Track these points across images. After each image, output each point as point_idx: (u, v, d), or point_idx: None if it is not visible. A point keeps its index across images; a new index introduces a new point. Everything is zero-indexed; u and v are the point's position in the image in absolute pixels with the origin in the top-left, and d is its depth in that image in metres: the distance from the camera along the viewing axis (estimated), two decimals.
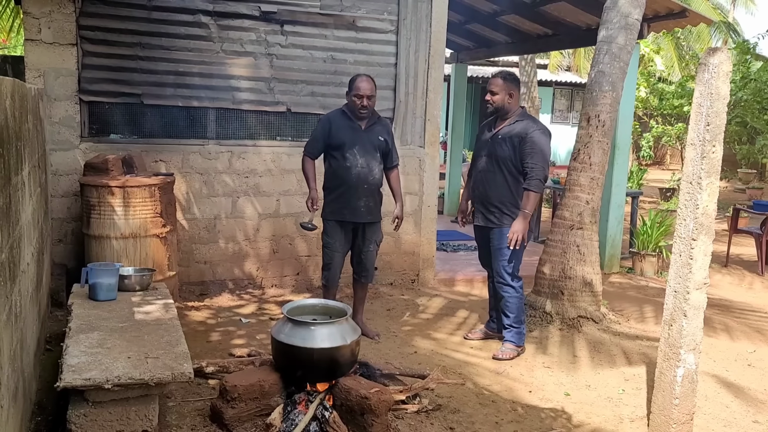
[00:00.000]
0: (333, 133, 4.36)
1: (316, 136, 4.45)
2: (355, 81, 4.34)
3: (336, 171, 4.39)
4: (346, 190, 4.36)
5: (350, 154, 4.33)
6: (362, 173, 4.36)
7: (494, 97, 4.31)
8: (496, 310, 4.58)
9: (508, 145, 4.26)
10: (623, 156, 6.90)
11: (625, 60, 5.03)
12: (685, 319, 3.16)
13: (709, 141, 3.07)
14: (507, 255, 4.30)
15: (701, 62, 3.10)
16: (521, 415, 3.51)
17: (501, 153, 4.28)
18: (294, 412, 3.12)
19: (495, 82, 4.34)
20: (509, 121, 4.33)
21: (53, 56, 4.86)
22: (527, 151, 4.20)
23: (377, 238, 4.57)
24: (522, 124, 4.28)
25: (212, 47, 5.32)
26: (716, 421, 3.53)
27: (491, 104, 4.34)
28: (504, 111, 4.33)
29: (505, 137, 4.28)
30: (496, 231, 4.33)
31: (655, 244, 6.93)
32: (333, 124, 4.38)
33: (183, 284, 5.28)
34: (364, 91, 4.30)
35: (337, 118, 4.42)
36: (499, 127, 4.36)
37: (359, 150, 4.35)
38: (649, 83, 16.39)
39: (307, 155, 4.46)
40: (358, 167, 4.35)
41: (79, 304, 3.48)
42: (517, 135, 4.23)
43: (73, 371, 2.59)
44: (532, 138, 4.19)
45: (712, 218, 3.14)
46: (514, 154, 4.25)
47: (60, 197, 5.01)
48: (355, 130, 4.38)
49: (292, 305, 3.48)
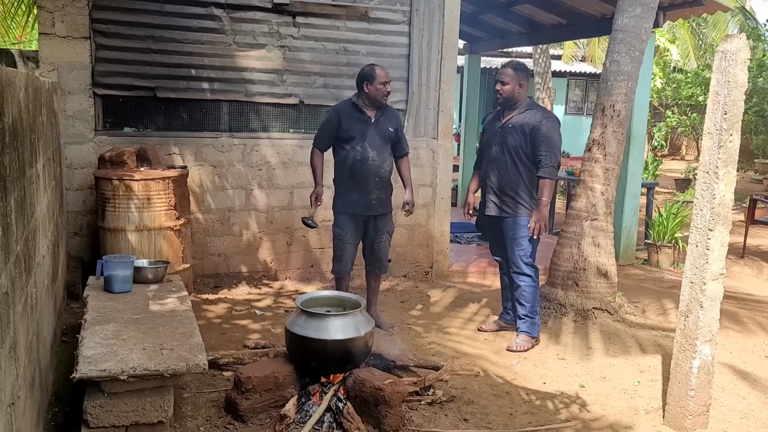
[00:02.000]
0: (343, 125, 4.33)
1: (325, 128, 4.42)
2: (374, 71, 4.32)
3: (347, 163, 4.36)
4: (358, 183, 4.34)
5: (361, 146, 4.32)
6: (374, 165, 4.35)
7: (504, 87, 4.29)
8: (511, 301, 4.56)
9: (519, 134, 4.25)
10: (638, 146, 6.83)
11: (641, 49, 4.96)
12: (701, 310, 3.12)
13: (726, 130, 3.02)
14: (523, 244, 4.29)
15: (718, 50, 3.05)
16: (535, 406, 3.50)
17: (512, 142, 4.27)
18: (308, 403, 3.14)
19: (505, 72, 4.31)
20: (518, 110, 4.32)
21: (67, 50, 4.88)
22: (539, 139, 4.19)
23: (389, 229, 4.56)
24: (532, 113, 4.28)
25: (225, 40, 5.32)
26: (733, 413, 3.49)
27: (501, 94, 4.32)
28: (513, 101, 4.32)
29: (516, 126, 4.27)
30: (510, 220, 4.32)
31: (671, 235, 6.86)
32: (342, 117, 4.35)
33: (197, 277, 5.31)
34: (387, 77, 4.35)
35: (347, 110, 4.38)
36: (509, 116, 4.34)
37: (370, 142, 4.33)
38: (665, 73, 16.21)
39: (317, 147, 4.44)
40: (370, 160, 4.33)
41: (94, 296, 3.50)
42: (528, 124, 4.23)
43: (89, 362, 2.61)
44: (543, 126, 4.20)
45: (729, 208, 3.10)
46: (526, 143, 4.24)
47: (75, 190, 5.05)
48: (365, 122, 4.36)
49: (306, 297, 3.49)
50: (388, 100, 4.44)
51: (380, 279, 4.73)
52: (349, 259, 4.46)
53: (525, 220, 4.28)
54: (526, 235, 4.29)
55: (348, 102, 4.46)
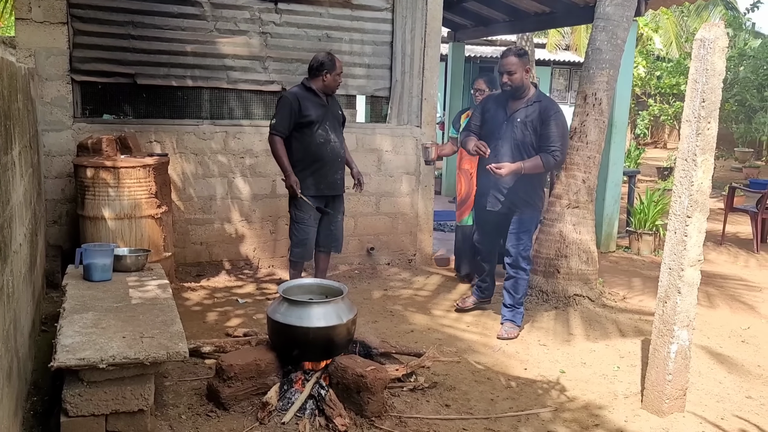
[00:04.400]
0: (303, 110, 4.35)
1: (286, 114, 4.35)
2: (335, 61, 4.42)
3: (309, 147, 4.40)
4: (323, 165, 4.44)
5: (322, 129, 4.42)
6: (335, 147, 4.49)
7: (513, 77, 4.10)
8: (486, 282, 4.72)
9: (529, 129, 4.15)
10: (620, 134, 6.87)
11: (622, 37, 4.98)
12: (679, 296, 3.16)
13: (705, 117, 3.05)
14: (524, 240, 4.31)
15: (696, 38, 3.07)
16: (516, 391, 3.53)
17: (522, 138, 4.16)
18: (290, 390, 3.14)
19: (510, 61, 4.10)
20: (525, 101, 4.18)
21: (44, 35, 4.80)
22: (549, 134, 4.10)
23: (343, 209, 4.75)
24: (541, 107, 4.16)
25: (206, 26, 5.26)
26: (709, 397, 3.55)
27: (510, 84, 4.12)
28: (522, 89, 4.17)
29: (525, 121, 4.15)
30: (515, 217, 4.30)
31: (651, 222, 6.93)
32: (302, 102, 4.37)
33: (179, 265, 5.27)
34: (342, 68, 4.53)
35: (304, 95, 4.40)
36: (515, 108, 4.20)
37: (330, 125, 4.47)
38: (648, 62, 16.31)
39: (278, 135, 4.36)
40: (332, 142, 4.47)
41: (73, 285, 3.47)
42: (538, 119, 4.13)
43: (68, 351, 2.59)
44: (555, 121, 4.11)
45: (706, 195, 3.13)
46: (535, 137, 4.15)
47: (54, 178, 4.98)
48: (323, 106, 4.45)
49: (288, 285, 3.49)
50: (372, 88, 4.49)
51: (330, 258, 4.84)
52: (312, 244, 4.56)
53: (527, 217, 4.29)
54: (527, 230, 4.32)
55: (302, 87, 4.46)
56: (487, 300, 4.82)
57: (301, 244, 4.52)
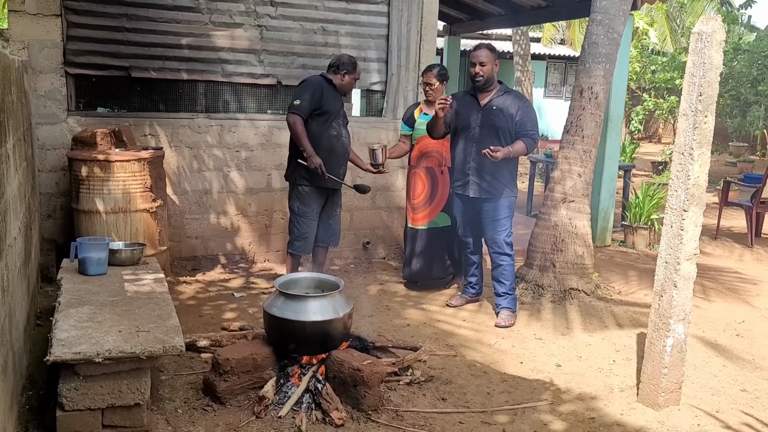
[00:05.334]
0: (324, 100, 4.36)
1: (309, 96, 4.29)
2: (357, 65, 4.51)
3: (322, 138, 4.39)
4: (332, 157, 4.43)
5: (336, 123, 4.45)
6: (345, 142, 4.54)
7: (484, 68, 4.29)
8: (476, 276, 4.75)
9: (506, 115, 4.30)
10: (616, 129, 6.88)
11: (619, 31, 4.98)
12: (675, 289, 3.17)
13: (701, 111, 3.05)
14: (505, 225, 4.40)
15: (694, 31, 3.07)
16: (512, 385, 3.54)
17: (500, 123, 4.30)
18: (287, 384, 3.14)
19: (482, 54, 4.30)
20: (496, 92, 4.36)
21: (37, 27, 4.76)
22: (526, 120, 4.30)
23: (341, 203, 4.78)
24: (514, 95, 4.44)
25: (201, 18, 5.23)
26: (704, 390, 3.57)
27: (482, 76, 4.30)
28: (491, 81, 4.35)
29: (502, 108, 4.31)
30: (492, 201, 4.37)
31: (647, 217, 6.95)
32: (324, 90, 4.38)
33: (175, 259, 5.26)
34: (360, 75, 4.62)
35: (326, 86, 4.42)
36: (487, 98, 4.35)
37: (342, 121, 4.52)
38: (643, 56, 16.32)
39: (299, 115, 4.26)
40: (343, 137, 4.50)
41: (68, 279, 3.45)
42: (514, 105, 4.31)
43: (63, 345, 2.58)
44: (528, 108, 4.38)
45: (703, 189, 3.14)
46: (512, 125, 4.30)
47: (48, 172, 4.95)
48: (339, 100, 4.51)
49: (285, 279, 3.48)
50: (367, 81, 4.49)
51: (327, 252, 4.85)
52: (313, 237, 4.57)
53: (506, 201, 4.38)
54: (508, 216, 4.40)
55: (323, 78, 4.46)
56: (477, 296, 4.83)
57: (303, 237, 4.52)
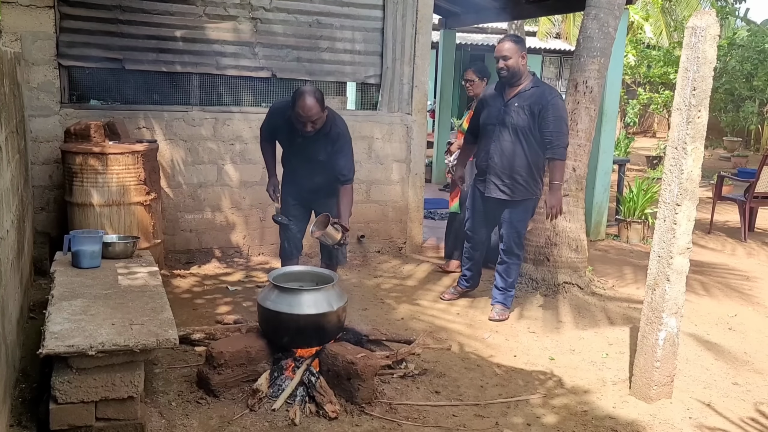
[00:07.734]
0: (278, 131, 4.02)
1: (266, 121, 4.09)
2: (296, 100, 3.61)
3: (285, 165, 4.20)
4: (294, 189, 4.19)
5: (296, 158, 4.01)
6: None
7: (508, 62, 4.10)
8: (471, 271, 4.72)
9: (526, 113, 4.12)
10: (611, 123, 6.88)
11: (614, 26, 4.97)
12: (668, 283, 3.18)
13: (695, 106, 3.06)
14: (519, 228, 4.34)
15: (688, 26, 3.07)
16: (506, 378, 3.55)
17: (519, 122, 4.12)
18: (281, 377, 3.15)
19: (505, 47, 4.11)
20: (522, 87, 4.17)
21: (30, 19, 4.72)
22: (550, 119, 4.07)
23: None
24: (539, 91, 4.15)
25: (195, 11, 5.20)
26: (696, 383, 3.59)
27: (506, 70, 4.11)
28: (518, 75, 4.15)
29: (523, 105, 4.13)
30: (511, 203, 4.28)
31: (641, 211, 6.97)
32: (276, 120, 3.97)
33: (169, 252, 5.25)
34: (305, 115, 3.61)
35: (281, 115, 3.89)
36: (512, 93, 4.19)
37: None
38: (638, 50, 16.31)
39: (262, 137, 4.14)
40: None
41: (61, 272, 3.44)
42: (537, 103, 4.10)
43: (56, 338, 2.57)
44: (553, 105, 4.09)
45: (696, 183, 3.15)
46: (533, 123, 4.11)
47: (41, 164, 4.93)
48: (294, 132, 3.84)
49: (279, 272, 3.48)
50: (362, 75, 4.37)
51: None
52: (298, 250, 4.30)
53: (524, 204, 4.29)
54: (524, 219, 4.34)
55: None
56: (471, 289, 4.83)
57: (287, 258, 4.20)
